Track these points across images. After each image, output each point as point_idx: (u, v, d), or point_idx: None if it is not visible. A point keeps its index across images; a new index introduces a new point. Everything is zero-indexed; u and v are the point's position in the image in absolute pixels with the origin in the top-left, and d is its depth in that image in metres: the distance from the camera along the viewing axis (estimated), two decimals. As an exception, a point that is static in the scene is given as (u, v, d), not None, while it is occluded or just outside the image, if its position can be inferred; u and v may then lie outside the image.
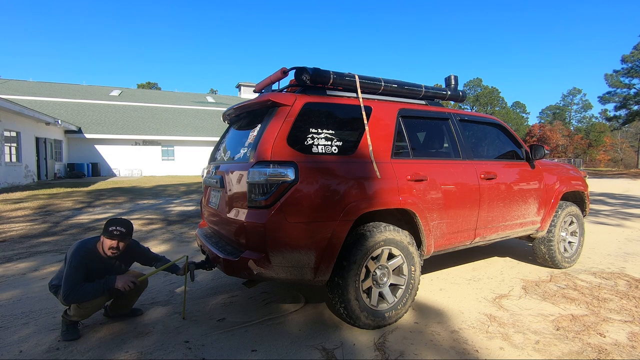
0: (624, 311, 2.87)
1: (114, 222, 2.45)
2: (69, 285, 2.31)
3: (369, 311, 2.51)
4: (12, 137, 14.67)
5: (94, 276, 2.44)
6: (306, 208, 2.30)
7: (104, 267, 2.50)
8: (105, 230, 2.42)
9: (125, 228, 2.46)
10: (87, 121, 21.97)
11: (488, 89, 65.96)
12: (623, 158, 57.28)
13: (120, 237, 2.43)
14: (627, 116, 38.62)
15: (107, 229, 2.42)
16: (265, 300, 3.12)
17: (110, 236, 2.41)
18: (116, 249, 2.45)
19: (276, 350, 2.31)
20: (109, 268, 2.53)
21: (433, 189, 2.83)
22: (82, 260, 2.39)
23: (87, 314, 2.46)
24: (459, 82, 3.60)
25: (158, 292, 3.31)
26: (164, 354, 2.27)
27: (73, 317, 2.43)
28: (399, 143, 2.85)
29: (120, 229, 2.43)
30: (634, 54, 35.89)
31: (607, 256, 4.49)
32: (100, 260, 2.49)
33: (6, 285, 3.51)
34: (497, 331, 2.54)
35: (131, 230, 2.52)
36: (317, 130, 2.49)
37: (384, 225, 2.61)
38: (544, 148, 3.67)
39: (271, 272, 2.30)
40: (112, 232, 2.40)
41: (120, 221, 2.47)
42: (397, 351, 2.29)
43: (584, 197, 4.22)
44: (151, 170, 22.89)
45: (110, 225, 2.42)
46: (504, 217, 3.37)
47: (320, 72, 2.62)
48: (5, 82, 26.31)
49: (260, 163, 2.30)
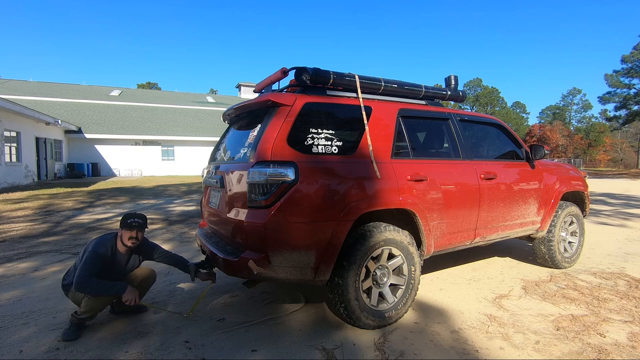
0: (624, 311, 2.87)
1: (130, 215, 2.69)
2: (83, 273, 2.44)
3: (369, 311, 2.51)
4: (12, 137, 14.67)
5: (110, 270, 2.62)
6: (306, 208, 2.30)
7: (120, 262, 2.70)
8: (125, 224, 2.64)
9: (142, 219, 2.71)
10: (87, 121, 21.97)
11: (488, 89, 65.97)
12: (623, 158, 57.28)
13: (138, 227, 2.66)
14: (627, 116, 38.63)
15: (125, 222, 2.64)
16: (265, 300, 3.12)
17: (129, 227, 2.63)
18: (135, 239, 2.66)
19: (276, 350, 2.31)
20: (125, 262, 2.73)
21: (433, 189, 2.83)
22: (101, 254, 2.56)
23: (97, 308, 2.53)
24: (459, 82, 3.60)
25: (158, 292, 3.31)
26: (164, 354, 2.27)
27: (82, 314, 2.50)
28: (399, 143, 2.85)
29: (138, 220, 2.67)
30: (634, 54, 35.90)
31: (607, 256, 4.49)
32: (118, 255, 2.69)
33: (6, 286, 3.51)
34: (497, 331, 2.54)
35: (146, 221, 2.75)
36: (317, 130, 2.49)
37: (384, 225, 2.61)
38: (544, 148, 3.67)
39: (271, 272, 2.30)
40: (130, 224, 2.63)
41: (136, 214, 2.71)
42: (397, 351, 2.29)
43: (584, 197, 4.22)
44: (151, 170, 22.89)
45: (128, 219, 2.65)
46: (504, 217, 3.37)
47: (320, 72, 2.62)
48: (5, 82, 26.31)
49: (260, 163, 2.30)
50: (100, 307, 2.56)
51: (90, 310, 2.50)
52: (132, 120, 23.89)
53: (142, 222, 2.69)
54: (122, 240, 2.65)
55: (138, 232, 2.67)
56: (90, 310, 2.50)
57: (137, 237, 2.67)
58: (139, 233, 2.68)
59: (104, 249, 2.59)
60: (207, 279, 2.88)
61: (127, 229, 2.63)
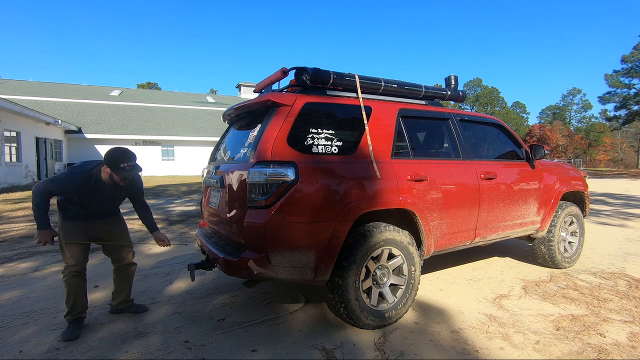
0: (624, 311, 2.87)
1: (121, 157, 2.43)
2: (43, 186, 2.41)
3: (369, 311, 2.51)
4: (12, 137, 14.67)
5: (93, 199, 2.52)
6: (306, 208, 2.30)
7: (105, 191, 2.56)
8: (116, 168, 2.42)
9: (134, 161, 2.49)
10: (87, 121, 21.96)
11: (488, 89, 65.95)
12: (623, 158, 57.26)
13: (132, 171, 2.48)
14: (627, 116, 38.61)
15: (117, 165, 2.41)
16: (265, 300, 3.12)
17: (122, 172, 2.44)
18: (128, 180, 2.55)
19: (276, 350, 2.31)
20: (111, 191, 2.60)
21: (433, 189, 2.83)
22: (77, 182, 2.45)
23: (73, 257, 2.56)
24: (459, 82, 3.60)
25: (158, 292, 3.31)
26: (164, 354, 2.27)
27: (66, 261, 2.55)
28: (399, 143, 2.85)
29: (131, 164, 2.46)
30: (634, 54, 35.87)
31: (607, 256, 4.49)
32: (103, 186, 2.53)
33: (6, 286, 3.51)
34: (497, 331, 2.54)
35: (136, 159, 2.55)
36: (317, 130, 2.49)
37: (384, 225, 2.61)
38: (544, 148, 3.67)
39: (271, 272, 2.30)
40: (124, 169, 2.43)
41: (127, 155, 2.47)
42: (397, 351, 2.29)
43: (584, 197, 4.21)
44: (151, 170, 22.88)
45: (121, 162, 2.42)
46: (504, 217, 3.37)
47: (320, 72, 2.62)
48: (5, 82, 26.30)
49: (260, 163, 2.30)
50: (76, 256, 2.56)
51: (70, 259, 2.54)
52: (132, 120, 23.88)
53: (135, 164, 2.49)
54: (112, 178, 2.48)
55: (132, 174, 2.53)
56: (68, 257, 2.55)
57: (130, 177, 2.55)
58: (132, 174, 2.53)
59: (84, 178, 2.46)
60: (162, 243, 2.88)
61: (119, 172, 2.44)
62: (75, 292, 2.55)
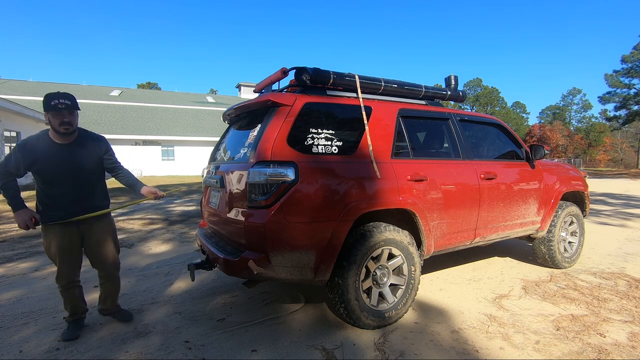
0: (624, 311, 2.87)
1: (52, 95, 2.25)
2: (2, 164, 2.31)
3: (369, 311, 2.51)
4: (12, 137, 14.67)
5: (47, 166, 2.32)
6: (306, 208, 2.30)
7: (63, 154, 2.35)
8: (49, 107, 2.22)
9: (69, 99, 2.27)
10: (87, 121, 21.94)
11: (488, 89, 65.93)
12: (623, 158, 57.24)
13: (67, 108, 2.25)
14: (627, 116, 38.58)
15: (49, 104, 2.21)
16: (265, 300, 3.12)
17: (56, 110, 2.22)
18: (68, 124, 2.30)
19: (276, 350, 2.31)
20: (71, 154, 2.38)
21: (433, 189, 2.83)
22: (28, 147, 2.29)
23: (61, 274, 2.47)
24: (459, 82, 3.60)
25: (158, 292, 3.31)
26: (164, 354, 2.27)
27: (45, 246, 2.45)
28: (399, 143, 2.85)
29: (65, 101, 2.24)
30: (634, 54, 35.86)
31: (607, 256, 4.49)
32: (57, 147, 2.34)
33: (6, 285, 3.51)
34: (497, 331, 2.54)
35: (75, 101, 2.33)
36: (317, 130, 2.49)
37: (384, 225, 2.61)
38: (544, 148, 3.67)
39: (271, 272, 2.30)
40: (56, 106, 2.21)
41: (59, 94, 2.28)
42: (397, 351, 2.29)
43: (584, 197, 4.21)
44: (151, 170, 22.88)
45: (52, 100, 2.22)
46: (504, 217, 3.37)
47: (320, 72, 2.62)
48: (5, 82, 26.30)
49: (260, 163, 2.30)
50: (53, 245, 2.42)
51: (49, 255, 2.47)
52: (132, 120, 23.88)
53: (70, 102, 2.26)
54: (54, 128, 2.28)
55: (69, 115, 2.29)
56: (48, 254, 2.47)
57: (70, 122, 2.30)
58: (70, 116, 2.30)
59: (32, 139, 2.31)
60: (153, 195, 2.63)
61: (54, 112, 2.23)
62: (72, 301, 2.53)
